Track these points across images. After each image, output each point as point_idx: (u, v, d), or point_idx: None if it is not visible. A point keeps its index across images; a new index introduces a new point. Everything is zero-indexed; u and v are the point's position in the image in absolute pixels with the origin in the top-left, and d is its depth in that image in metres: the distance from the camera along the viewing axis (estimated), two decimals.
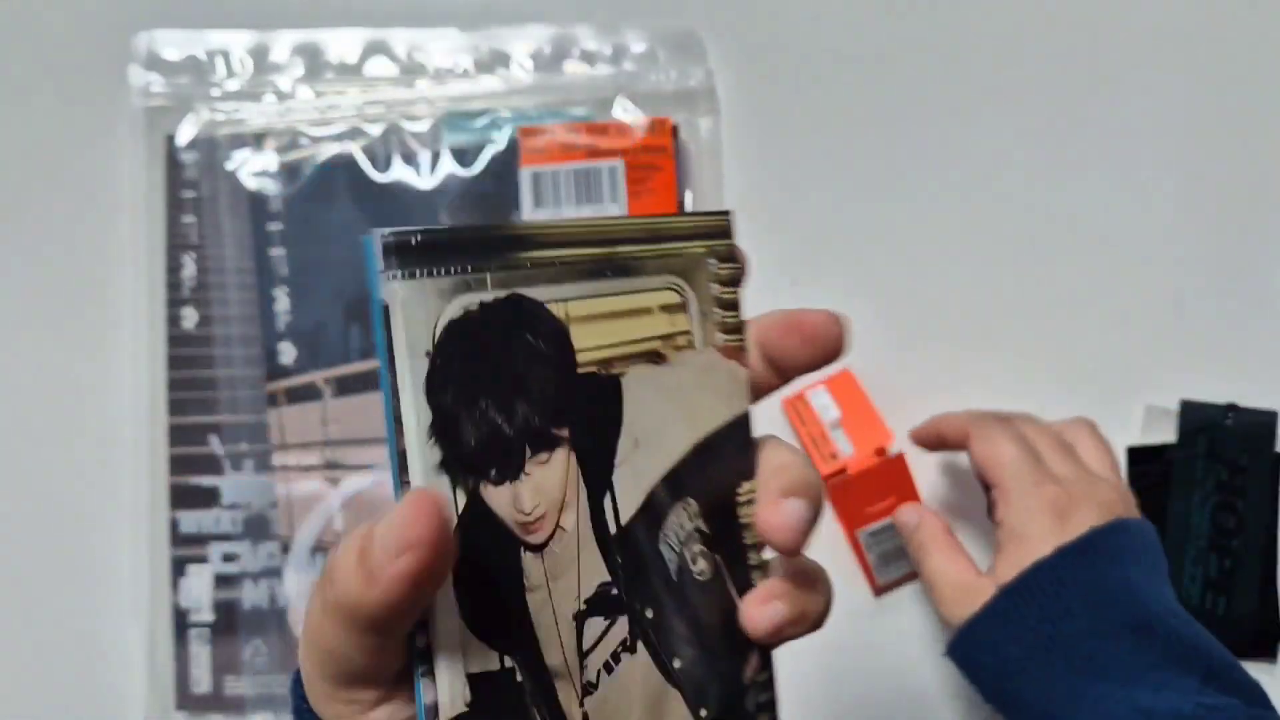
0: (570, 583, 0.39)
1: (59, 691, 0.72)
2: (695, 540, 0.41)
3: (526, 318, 0.38)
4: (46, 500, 0.73)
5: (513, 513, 0.38)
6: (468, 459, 0.37)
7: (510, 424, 0.38)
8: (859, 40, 0.76)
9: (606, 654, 0.40)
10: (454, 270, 0.37)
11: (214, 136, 0.72)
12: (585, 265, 0.40)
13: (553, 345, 0.39)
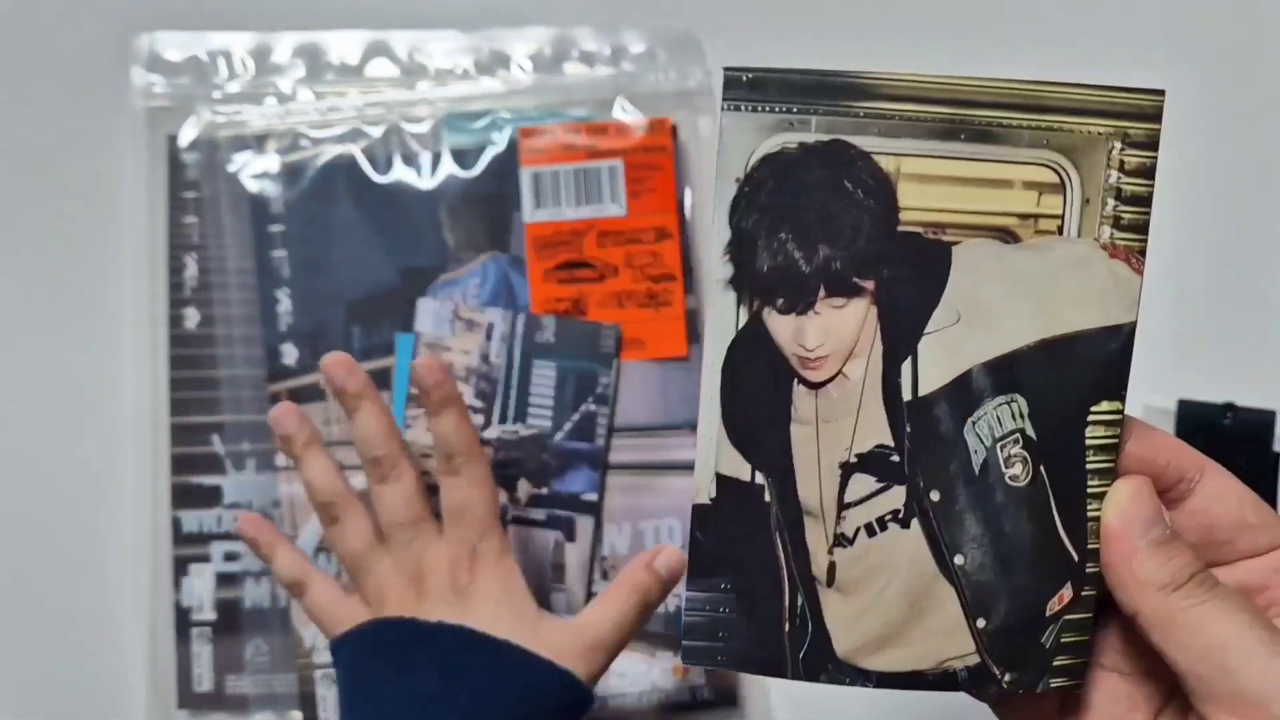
0: (843, 431, 0.39)
1: (61, 690, 0.72)
2: (1015, 442, 0.39)
3: (844, 163, 0.38)
4: (48, 499, 0.73)
5: (793, 345, 0.39)
6: (756, 282, 0.38)
7: (808, 261, 0.38)
8: (858, 40, 0.76)
9: (871, 516, 0.39)
10: (779, 109, 0.38)
11: (215, 138, 0.73)
12: (933, 123, 0.38)
13: (872, 195, 0.38)
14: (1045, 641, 0.40)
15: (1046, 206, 0.39)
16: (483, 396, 0.70)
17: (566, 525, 0.71)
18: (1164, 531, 0.40)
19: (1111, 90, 0.38)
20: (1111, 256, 0.39)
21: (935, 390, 0.39)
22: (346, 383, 0.63)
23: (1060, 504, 0.40)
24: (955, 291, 0.39)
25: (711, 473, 0.39)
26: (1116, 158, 0.38)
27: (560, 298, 0.71)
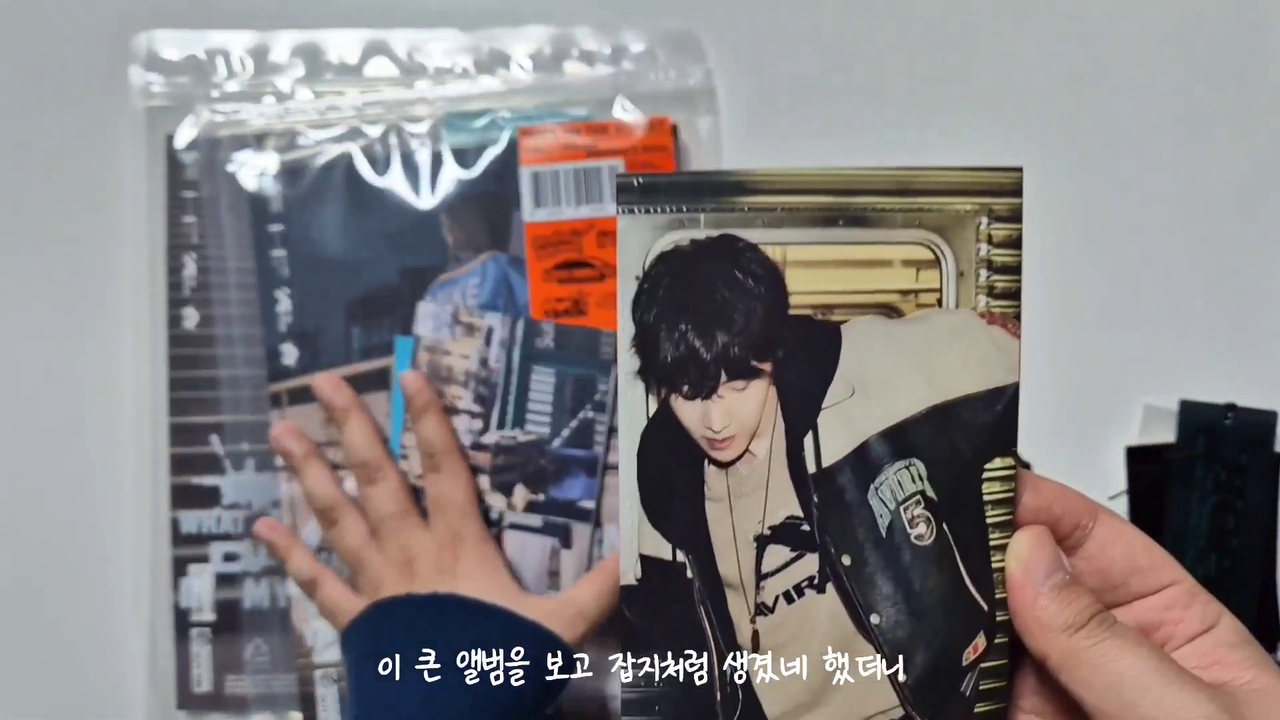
0: (754, 505, 0.41)
1: (60, 691, 0.72)
2: (917, 503, 0.41)
3: (736, 255, 0.40)
4: (47, 500, 0.73)
5: (701, 427, 0.41)
6: (662, 372, 0.41)
7: (708, 349, 0.41)
8: (858, 40, 0.76)
9: (789, 584, 0.42)
10: (670, 209, 0.40)
11: (214, 137, 0.72)
12: (814, 213, 0.41)
13: (762, 283, 0.41)
14: (965, 690, 0.42)
15: (925, 281, 0.41)
16: (481, 401, 0.70)
17: (563, 532, 0.70)
18: (1064, 576, 0.42)
19: (974, 170, 0.41)
20: (989, 323, 0.41)
21: (837, 460, 0.41)
22: (335, 399, 0.70)
23: (965, 558, 0.42)
24: (847, 366, 0.41)
25: (635, 554, 0.41)
26: (985, 231, 0.41)
27: (560, 297, 0.71)
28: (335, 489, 0.70)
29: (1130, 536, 0.44)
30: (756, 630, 0.42)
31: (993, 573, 0.42)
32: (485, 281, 0.72)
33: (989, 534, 0.42)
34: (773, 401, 0.41)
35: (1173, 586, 0.44)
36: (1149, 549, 0.45)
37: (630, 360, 0.41)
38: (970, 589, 0.42)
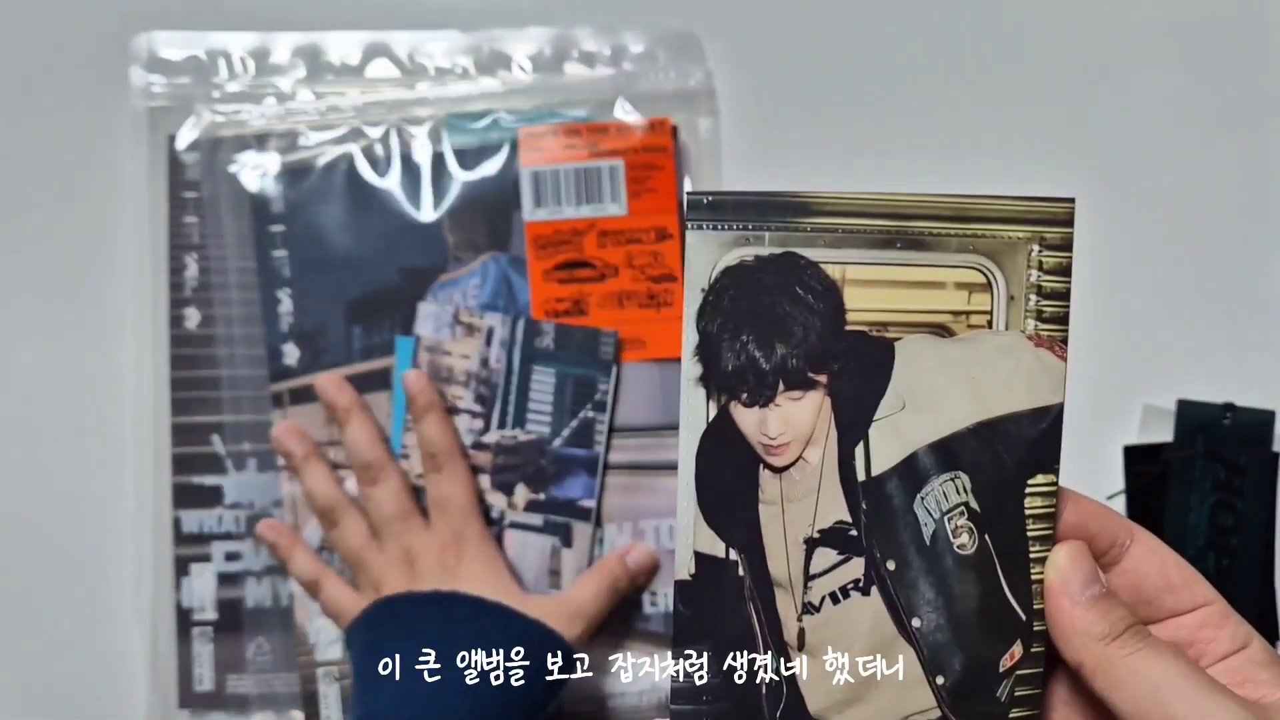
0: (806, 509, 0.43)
1: (62, 690, 0.72)
2: (961, 514, 0.43)
3: (797, 272, 0.43)
4: (49, 499, 0.73)
5: (757, 434, 0.43)
6: (722, 379, 0.43)
7: (767, 359, 0.43)
8: (858, 40, 0.76)
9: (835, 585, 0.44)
10: (736, 226, 0.42)
11: (216, 137, 0.73)
12: (873, 235, 0.43)
13: (821, 299, 0.43)
14: (1000, 695, 0.44)
15: (976, 304, 0.43)
16: (481, 401, 0.70)
17: (563, 531, 0.71)
18: (1100, 589, 0.44)
19: (1028, 200, 0.43)
20: (1037, 346, 0.43)
21: (886, 470, 0.43)
22: (337, 399, 0.70)
23: (1005, 569, 0.44)
24: (899, 381, 0.43)
25: (690, 551, 0.43)
26: (1036, 259, 0.43)
27: (560, 297, 0.72)
28: (336, 489, 0.70)
29: (1164, 555, 0.46)
30: (803, 628, 0.43)
31: (1031, 584, 0.44)
32: (486, 282, 0.72)
33: (1029, 547, 0.44)
34: (827, 411, 0.43)
35: (1206, 606, 0.46)
36: (1182, 568, 0.46)
37: (693, 367, 0.43)
38: (1009, 598, 0.44)
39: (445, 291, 0.72)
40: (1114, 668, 0.43)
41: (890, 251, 0.42)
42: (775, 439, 0.43)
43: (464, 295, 0.71)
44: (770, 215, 0.42)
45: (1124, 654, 0.43)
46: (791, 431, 0.43)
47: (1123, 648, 0.43)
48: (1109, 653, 0.43)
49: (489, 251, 0.72)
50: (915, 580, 0.43)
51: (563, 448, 0.71)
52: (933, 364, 0.43)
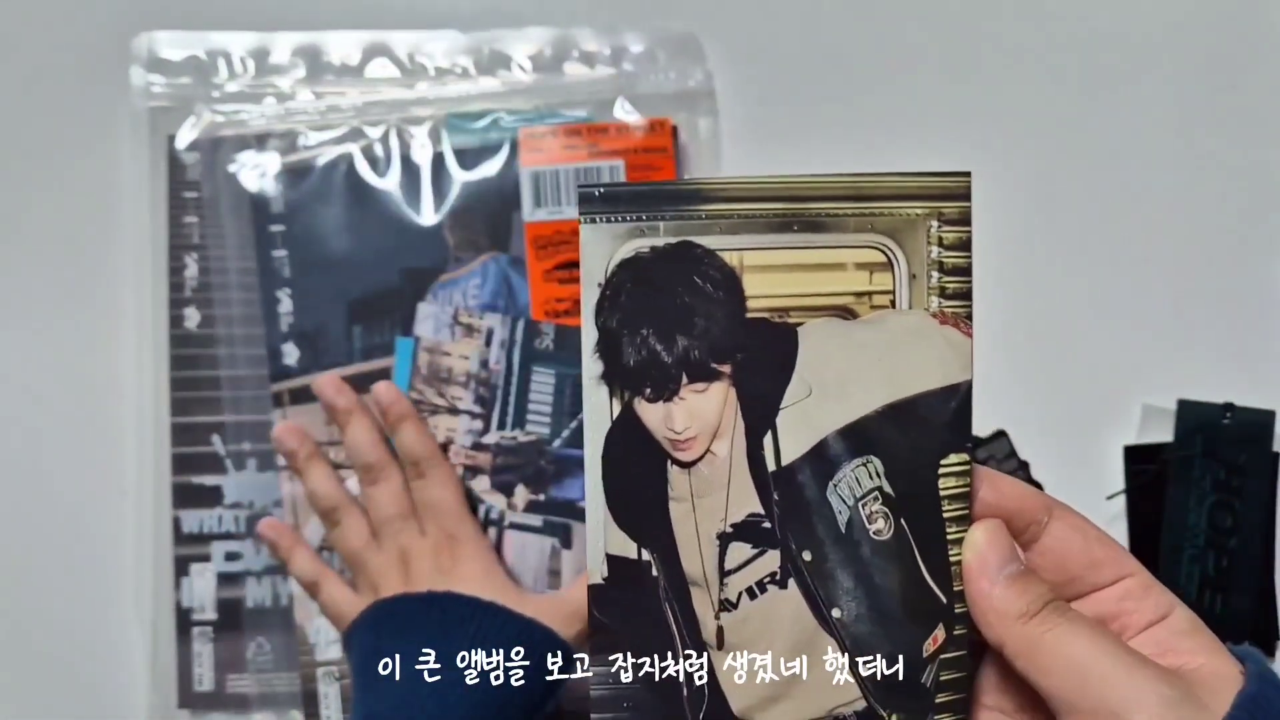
0: (717, 504, 0.42)
1: (62, 690, 0.72)
2: (875, 499, 0.42)
3: (694, 261, 0.42)
4: (49, 499, 0.73)
5: (663, 429, 0.42)
6: (625, 375, 0.42)
7: (669, 352, 0.42)
8: (858, 40, 0.76)
9: (752, 580, 0.43)
10: (630, 218, 0.42)
11: (216, 137, 0.73)
12: (769, 219, 0.42)
13: (720, 288, 0.42)
14: (926, 681, 0.43)
15: (878, 284, 0.42)
16: (481, 402, 0.70)
17: (563, 532, 0.71)
18: (1018, 567, 0.43)
19: (923, 175, 0.42)
20: (942, 323, 0.42)
21: (796, 459, 0.42)
22: (337, 400, 0.69)
23: (923, 552, 0.43)
24: (804, 367, 0.42)
25: (602, 554, 0.43)
26: (935, 235, 0.42)
27: (560, 298, 0.72)
28: (339, 489, 0.70)
29: (1086, 531, 0.45)
30: (721, 626, 0.42)
31: (950, 566, 0.43)
32: (486, 282, 0.72)
33: (946, 528, 0.43)
34: (733, 402, 0.42)
35: (1128, 579, 0.45)
36: (1104, 543, 0.45)
37: (594, 365, 0.43)
38: (929, 582, 0.43)
39: (445, 292, 0.72)
40: (1034, 647, 0.42)
41: (788, 235, 0.42)
42: (681, 433, 0.42)
43: (464, 295, 0.71)
44: (664, 204, 0.42)
45: (1043, 631, 0.42)
46: (698, 425, 0.42)
47: (1041, 624, 0.42)
48: (1028, 631, 0.42)
49: (489, 252, 0.72)
50: (833, 570, 0.42)
51: (562, 449, 0.71)
52: (838, 347, 0.42)
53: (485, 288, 0.72)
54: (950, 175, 0.42)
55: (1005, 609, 0.42)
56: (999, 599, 0.42)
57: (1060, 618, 0.42)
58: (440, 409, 0.70)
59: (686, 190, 0.42)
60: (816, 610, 0.42)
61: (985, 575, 0.43)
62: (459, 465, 0.70)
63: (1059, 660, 0.42)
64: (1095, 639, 0.42)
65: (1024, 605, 0.42)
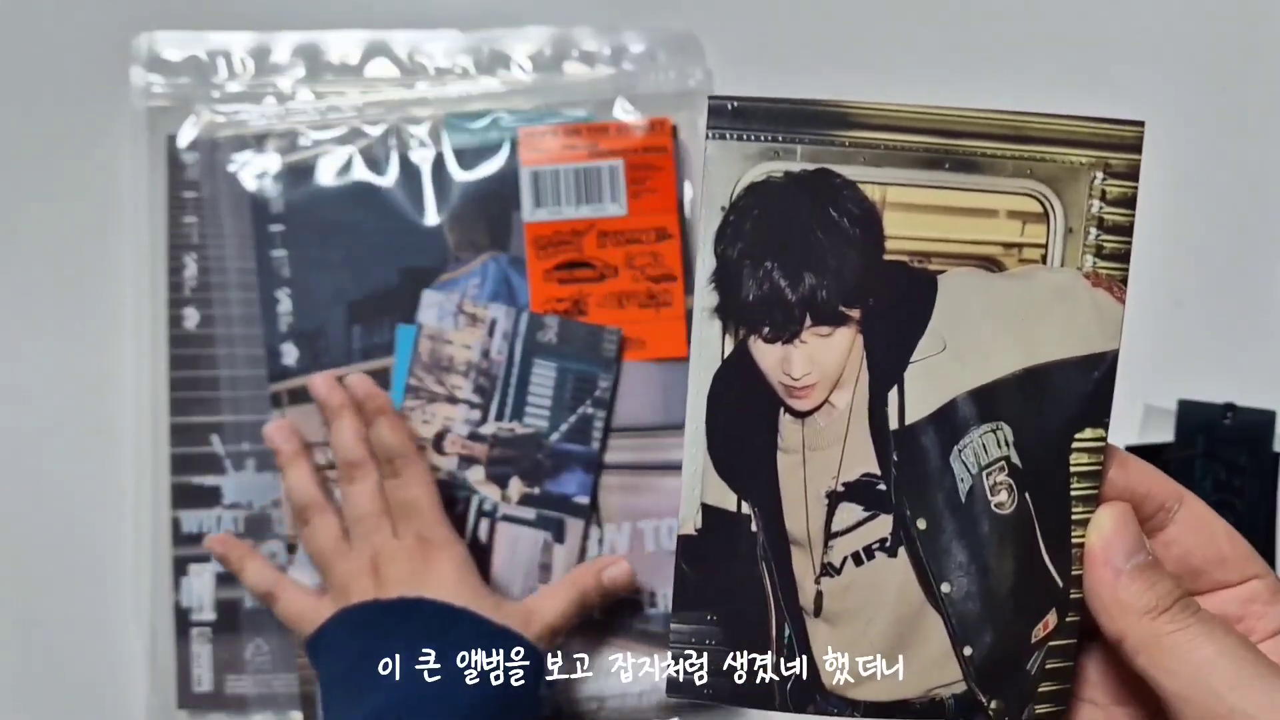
0: (829, 459, 0.39)
1: (61, 691, 0.72)
2: (1000, 469, 0.40)
3: (831, 192, 0.38)
4: (48, 500, 0.73)
5: (779, 373, 0.39)
6: (742, 311, 0.38)
7: (793, 290, 0.38)
8: (858, 40, 0.76)
9: (859, 545, 0.39)
10: (764, 138, 0.38)
11: (215, 137, 0.73)
12: (919, 153, 0.38)
13: (857, 224, 0.38)
14: (1030, 668, 0.40)
15: (1030, 236, 0.39)
16: (481, 392, 0.70)
17: (556, 526, 0.70)
18: (1146, 557, 0.41)
19: (1093, 121, 0.39)
20: (1094, 285, 0.40)
21: (921, 419, 0.39)
22: (329, 398, 0.69)
23: (1045, 530, 0.40)
24: (941, 320, 0.39)
25: (697, 503, 0.39)
26: (1098, 187, 0.39)
27: (560, 298, 0.71)
28: (314, 488, 0.69)
29: (1214, 525, 0.43)
30: (821, 591, 0.40)
31: (1071, 548, 0.40)
32: (485, 281, 0.72)
33: (1071, 507, 0.40)
34: (858, 351, 0.39)
35: (1255, 580, 0.43)
36: (1233, 539, 0.43)
37: (709, 296, 0.38)
38: (1047, 563, 0.40)
39: (445, 291, 0.72)
40: (1159, 645, 0.39)
41: (937, 173, 0.38)
42: (799, 380, 0.39)
43: (464, 295, 0.71)
44: (803, 126, 0.39)
45: (1170, 630, 0.39)
46: (818, 372, 0.39)
47: (1170, 623, 0.39)
48: (1154, 628, 0.39)
49: (489, 251, 0.72)
50: (947, 542, 0.39)
51: (560, 443, 0.71)
52: (979, 302, 0.39)
53: (485, 287, 0.72)
54: (1122, 124, 0.39)
55: (1131, 601, 0.40)
56: (1125, 590, 0.40)
57: (1190, 617, 0.40)
58: (439, 397, 0.70)
59: (830, 112, 0.39)
60: (925, 584, 0.39)
61: (1110, 563, 0.40)
62: (455, 454, 0.70)
63: (1187, 663, 0.39)
64: (1228, 644, 0.39)
65: (1152, 600, 0.40)
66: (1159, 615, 0.40)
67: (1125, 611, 0.40)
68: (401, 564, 0.65)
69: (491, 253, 0.72)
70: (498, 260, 0.72)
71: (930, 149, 0.38)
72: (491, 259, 0.72)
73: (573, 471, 0.70)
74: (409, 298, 0.71)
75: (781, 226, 0.38)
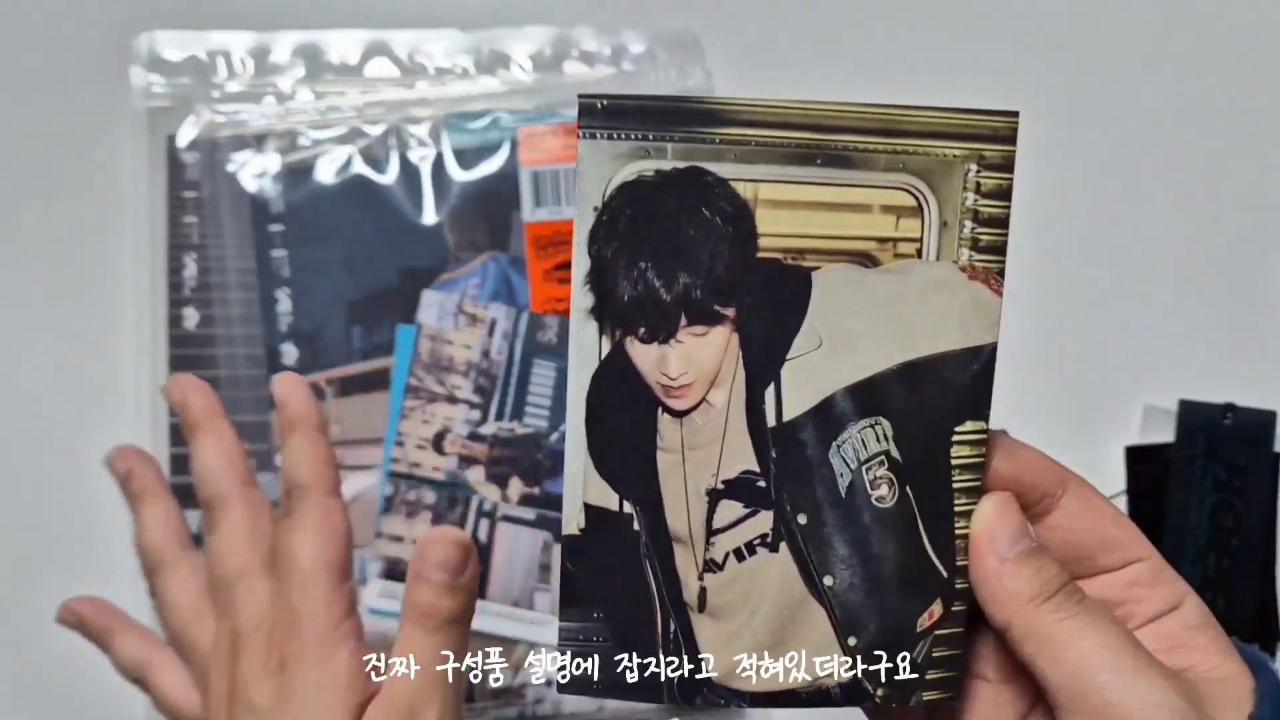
0: (709, 458, 0.39)
1: (60, 692, 0.72)
2: (880, 464, 0.40)
3: (703, 190, 0.38)
4: (47, 499, 0.73)
5: (656, 373, 0.39)
6: (617, 311, 0.38)
7: (668, 290, 0.38)
8: (858, 40, 0.76)
9: (740, 541, 0.40)
10: (635, 136, 0.37)
11: (215, 137, 0.73)
12: (790, 149, 0.38)
13: (730, 222, 0.38)
14: (917, 657, 0.40)
15: (905, 230, 0.39)
16: (481, 392, 0.70)
17: (556, 526, 0.70)
18: (1030, 544, 0.40)
19: (966, 113, 0.39)
20: (970, 279, 0.39)
21: (799, 415, 0.39)
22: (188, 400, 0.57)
23: (927, 523, 0.40)
24: (816, 317, 0.39)
25: (579, 503, 0.39)
26: (973, 180, 0.39)
27: (560, 297, 0.71)
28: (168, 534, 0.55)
29: (1099, 508, 0.43)
30: (704, 587, 0.40)
31: (955, 539, 0.40)
32: (485, 281, 0.72)
33: (954, 499, 0.40)
34: (734, 349, 0.39)
35: (1139, 563, 0.43)
36: (1118, 522, 0.43)
37: (584, 297, 0.38)
38: (931, 554, 0.40)
39: (445, 291, 0.72)
40: (1044, 634, 0.39)
41: (810, 169, 0.38)
42: (676, 379, 0.39)
43: (464, 295, 0.71)
44: (674, 124, 0.37)
45: (1056, 619, 0.39)
46: (694, 371, 0.39)
47: (1055, 611, 0.39)
48: (1040, 615, 0.39)
49: (489, 251, 0.72)
50: (829, 536, 0.39)
51: (560, 443, 0.70)
52: (854, 297, 0.38)
53: (485, 287, 0.72)
54: (996, 114, 0.39)
55: (1016, 589, 0.40)
56: (1010, 577, 0.40)
57: (1076, 606, 0.40)
58: (439, 397, 0.70)
59: (700, 109, 0.38)
60: (808, 577, 0.40)
61: (995, 551, 0.40)
62: (454, 454, 0.70)
63: (1070, 654, 0.39)
64: (1110, 633, 0.39)
65: (1036, 586, 0.40)
66: (1043, 602, 0.39)
67: (1010, 599, 0.40)
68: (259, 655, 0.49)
69: (491, 253, 0.72)
70: (498, 260, 0.72)
71: (802, 144, 0.38)
72: (491, 259, 0.72)
73: None
74: (409, 298, 0.71)
75: (654, 226, 0.38)
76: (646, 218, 0.38)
